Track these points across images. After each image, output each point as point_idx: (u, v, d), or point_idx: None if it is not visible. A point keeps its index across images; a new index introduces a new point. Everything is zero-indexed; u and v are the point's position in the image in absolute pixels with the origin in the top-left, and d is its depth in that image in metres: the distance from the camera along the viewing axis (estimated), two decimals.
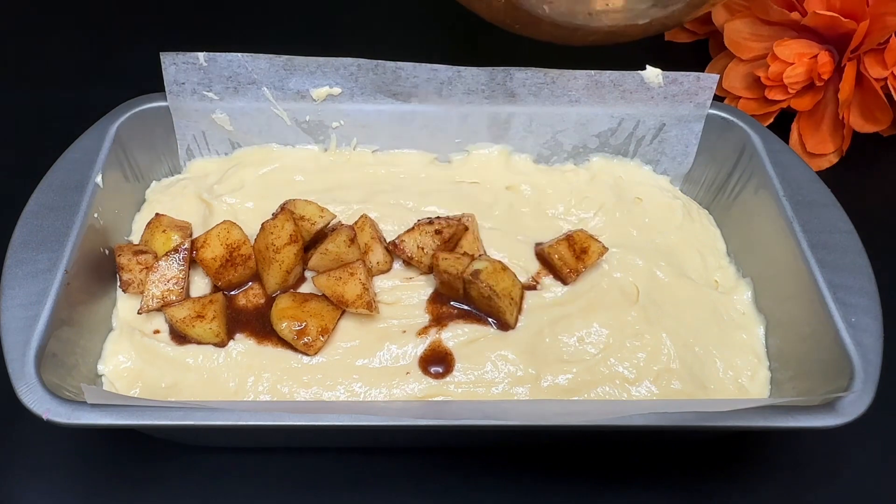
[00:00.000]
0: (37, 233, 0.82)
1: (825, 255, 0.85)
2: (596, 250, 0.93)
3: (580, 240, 0.93)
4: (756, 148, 0.97)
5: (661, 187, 1.05)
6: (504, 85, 0.99)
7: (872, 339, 0.78)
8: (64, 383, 0.75)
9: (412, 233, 0.92)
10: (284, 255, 0.87)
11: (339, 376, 0.84)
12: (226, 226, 0.90)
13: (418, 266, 0.92)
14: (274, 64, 0.97)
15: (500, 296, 0.85)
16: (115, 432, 0.86)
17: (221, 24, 1.39)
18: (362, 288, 0.86)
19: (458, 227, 0.92)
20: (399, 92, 0.99)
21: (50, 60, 1.31)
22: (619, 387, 0.85)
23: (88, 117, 0.95)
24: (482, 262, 0.88)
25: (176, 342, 0.85)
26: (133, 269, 0.88)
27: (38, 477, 0.84)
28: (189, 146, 1.02)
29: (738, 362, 0.87)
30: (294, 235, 0.88)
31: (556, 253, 0.93)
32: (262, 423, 0.71)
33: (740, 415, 0.73)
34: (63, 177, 0.88)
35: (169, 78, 0.96)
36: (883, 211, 1.15)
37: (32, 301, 0.77)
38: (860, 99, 1.14)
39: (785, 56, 1.12)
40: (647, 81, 0.99)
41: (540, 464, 0.87)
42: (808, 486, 0.86)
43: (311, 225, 0.92)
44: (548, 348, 0.87)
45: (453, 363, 0.85)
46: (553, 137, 1.04)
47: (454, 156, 1.05)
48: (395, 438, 0.85)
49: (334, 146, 1.04)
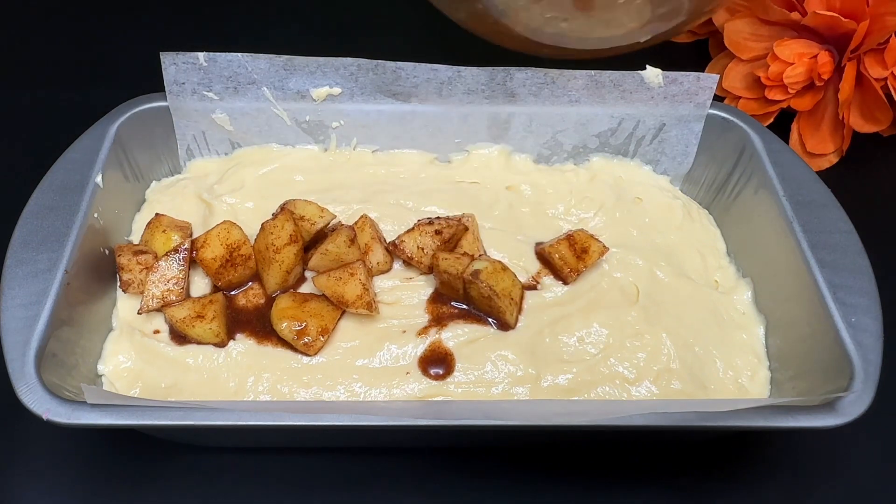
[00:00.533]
0: (37, 233, 0.82)
1: (825, 255, 0.85)
2: (597, 250, 0.93)
3: (581, 239, 0.93)
4: (756, 148, 0.97)
5: (661, 187, 1.05)
6: (504, 85, 0.99)
7: (872, 339, 0.78)
8: (64, 383, 0.75)
9: (412, 233, 0.92)
10: (284, 255, 0.87)
11: (339, 376, 0.84)
12: (226, 226, 0.90)
13: (418, 266, 0.92)
14: (274, 64, 0.97)
15: (501, 296, 0.85)
16: (115, 432, 0.86)
17: (221, 24, 1.39)
18: (362, 288, 0.86)
19: (458, 227, 0.92)
20: (399, 92, 0.99)
21: (50, 60, 1.31)
22: (619, 387, 0.85)
23: (88, 117, 0.95)
24: (482, 262, 0.88)
25: (176, 342, 0.85)
26: (133, 270, 0.88)
27: (38, 477, 0.84)
28: (189, 146, 1.02)
29: (738, 362, 0.87)
30: (294, 235, 0.88)
31: (557, 252, 0.93)
32: (262, 423, 0.71)
33: (740, 415, 0.73)
34: (63, 177, 0.88)
35: (169, 78, 0.96)
36: (883, 211, 1.15)
37: (32, 301, 0.77)
38: (860, 99, 1.14)
39: (785, 56, 1.12)
40: (647, 81, 0.99)
41: (540, 464, 0.87)
42: (808, 486, 0.86)
43: (311, 225, 0.92)
44: (548, 348, 0.87)
45: (453, 364, 0.85)
46: (553, 137, 1.04)
47: (454, 156, 1.05)
48: (395, 438, 0.85)
49: (334, 146, 1.04)
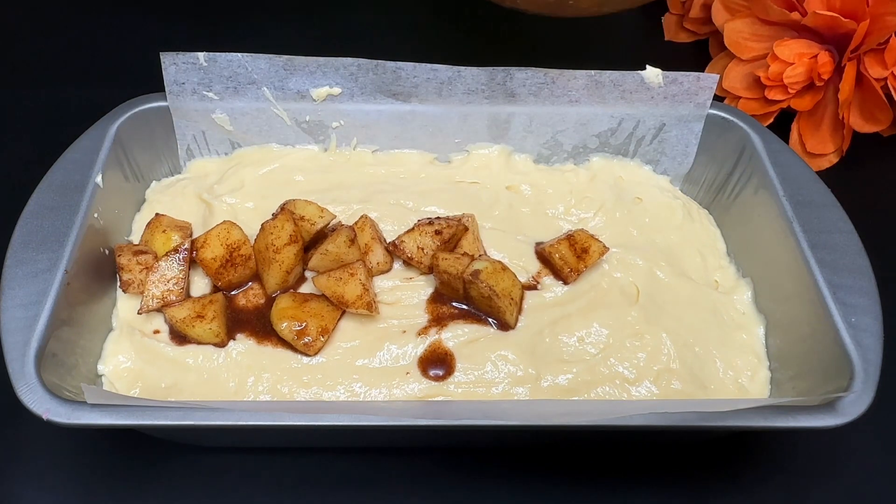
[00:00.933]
0: (37, 233, 0.82)
1: (825, 255, 0.85)
2: (597, 250, 0.93)
3: (581, 239, 0.93)
4: (756, 148, 0.97)
5: (661, 187, 1.05)
6: (504, 85, 0.99)
7: (872, 339, 0.78)
8: (64, 383, 0.75)
9: (412, 233, 0.92)
10: (284, 255, 0.87)
11: (339, 376, 0.84)
12: (226, 226, 0.90)
13: (418, 266, 0.92)
14: (274, 64, 0.97)
15: (500, 296, 0.85)
16: (115, 432, 0.86)
17: (221, 24, 1.39)
18: (362, 288, 0.86)
19: (458, 227, 0.92)
20: (399, 92, 0.99)
21: (50, 60, 1.31)
22: (619, 387, 0.85)
23: (88, 117, 0.95)
24: (482, 262, 0.88)
25: (176, 342, 0.85)
26: (133, 270, 0.88)
27: (38, 477, 0.84)
28: (189, 146, 1.02)
29: (739, 362, 0.87)
30: (294, 236, 0.88)
31: (557, 252, 0.93)
32: (262, 423, 0.71)
33: (740, 415, 0.73)
34: (63, 177, 0.88)
35: (169, 78, 0.96)
36: (883, 211, 1.15)
37: (32, 301, 0.77)
38: (860, 99, 1.14)
39: (785, 56, 1.12)
40: (647, 81, 0.99)
41: (540, 464, 0.87)
42: (808, 486, 0.86)
43: (311, 225, 0.92)
44: (548, 348, 0.87)
45: (454, 364, 0.85)
46: (553, 137, 1.04)
47: (454, 156, 1.05)
48: (395, 438, 0.85)
49: (334, 146, 1.04)
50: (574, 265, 0.92)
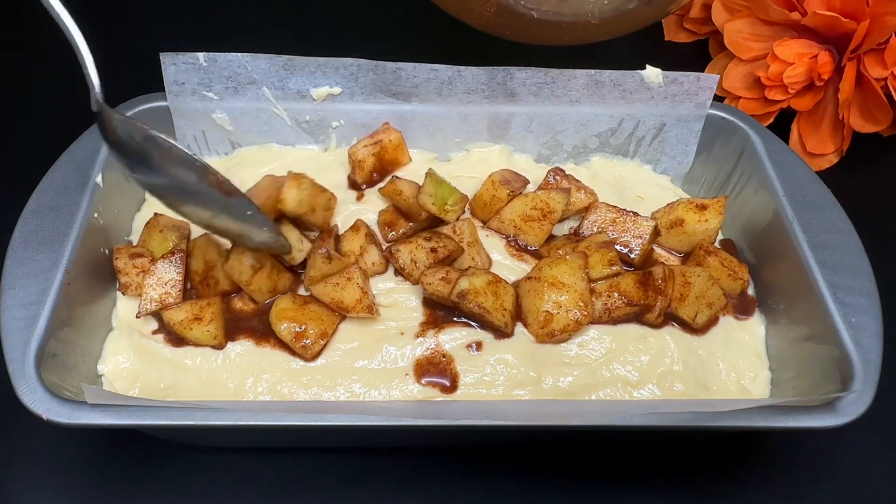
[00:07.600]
0: (37, 233, 0.82)
1: (825, 255, 0.85)
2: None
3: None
4: (756, 148, 0.97)
5: (662, 186, 1.05)
6: (504, 85, 0.99)
7: (872, 339, 0.78)
8: (64, 383, 0.75)
9: (409, 244, 0.90)
10: (256, 284, 0.85)
11: (338, 377, 0.84)
12: (203, 240, 0.87)
13: (408, 278, 0.90)
14: (274, 64, 0.97)
15: (492, 311, 0.84)
16: (115, 432, 0.86)
17: (221, 24, 1.39)
18: (361, 292, 0.85)
19: (455, 248, 0.91)
20: (399, 92, 0.99)
21: (50, 60, 1.31)
22: (622, 390, 0.84)
23: (88, 117, 0.95)
24: (466, 280, 0.84)
25: (173, 344, 0.85)
26: (130, 273, 0.87)
27: (38, 477, 0.84)
28: (189, 146, 1.02)
29: (741, 364, 0.87)
30: (255, 265, 0.84)
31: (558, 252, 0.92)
32: (262, 423, 0.71)
33: (740, 415, 0.73)
34: (63, 177, 0.88)
35: (169, 78, 0.96)
36: (883, 211, 1.15)
37: (32, 301, 0.77)
38: (860, 99, 1.13)
39: (785, 56, 1.12)
40: (647, 81, 0.99)
41: (540, 464, 0.87)
42: (808, 486, 0.86)
43: (290, 259, 0.88)
44: (549, 351, 0.86)
45: (455, 371, 0.84)
46: (553, 137, 1.04)
47: (454, 155, 1.05)
48: (394, 438, 0.85)
49: (334, 146, 1.04)
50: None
